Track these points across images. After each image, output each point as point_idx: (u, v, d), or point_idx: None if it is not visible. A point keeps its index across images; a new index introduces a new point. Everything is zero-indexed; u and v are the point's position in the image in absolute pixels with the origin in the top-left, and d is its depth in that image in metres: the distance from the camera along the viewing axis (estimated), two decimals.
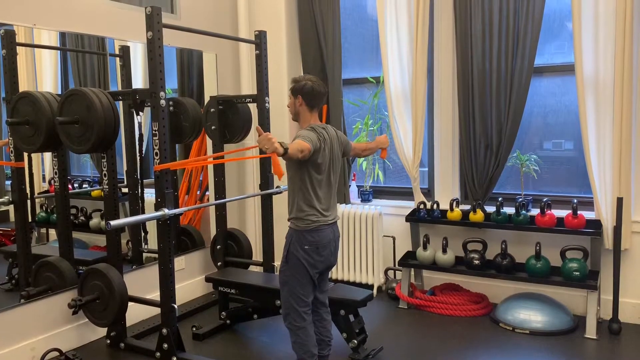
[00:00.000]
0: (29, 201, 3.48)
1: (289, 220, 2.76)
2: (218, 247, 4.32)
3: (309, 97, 2.72)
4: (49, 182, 3.76)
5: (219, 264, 4.32)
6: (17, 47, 3.30)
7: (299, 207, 2.70)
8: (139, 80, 4.14)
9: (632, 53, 3.46)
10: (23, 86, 3.37)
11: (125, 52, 3.99)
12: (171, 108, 4.05)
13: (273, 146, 2.33)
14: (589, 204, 3.80)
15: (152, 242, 4.02)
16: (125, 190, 4.07)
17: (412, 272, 4.23)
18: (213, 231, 4.44)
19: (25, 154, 3.43)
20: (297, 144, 2.50)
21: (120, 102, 3.89)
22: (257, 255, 4.69)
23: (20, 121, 3.20)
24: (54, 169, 3.57)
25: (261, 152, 2.52)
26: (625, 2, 3.41)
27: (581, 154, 3.78)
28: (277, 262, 3.75)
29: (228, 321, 3.77)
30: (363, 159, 4.65)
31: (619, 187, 3.58)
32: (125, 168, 4.09)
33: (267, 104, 4.00)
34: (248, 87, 4.71)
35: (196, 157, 4.55)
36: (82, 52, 3.87)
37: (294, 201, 2.73)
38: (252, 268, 4.35)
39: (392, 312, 4.04)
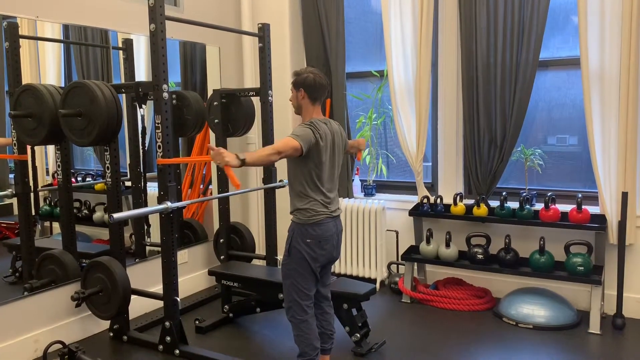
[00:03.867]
0: (32, 194, 3.48)
1: (291, 213, 2.76)
2: (221, 240, 4.32)
3: (311, 90, 2.71)
4: (52, 176, 3.76)
5: (221, 257, 4.32)
6: (20, 39, 3.30)
7: (301, 201, 2.69)
8: (142, 73, 4.13)
9: (638, 47, 3.43)
10: (26, 79, 3.37)
11: (128, 45, 3.99)
12: (174, 101, 4.04)
13: (224, 160, 2.46)
14: (593, 199, 3.78)
15: (155, 235, 4.02)
16: (128, 183, 4.07)
17: (415, 267, 4.23)
18: (216, 225, 4.45)
19: (29, 147, 3.43)
20: (277, 146, 2.56)
21: (123, 95, 3.89)
22: (260, 249, 4.68)
23: (23, 114, 3.20)
24: (57, 162, 3.57)
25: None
26: None
27: (586, 149, 3.76)
28: (280, 256, 3.75)
29: (231, 314, 3.78)
30: (366, 153, 4.63)
31: (624, 182, 3.56)
32: (128, 161, 4.09)
33: (270, 98, 3.98)
34: (251, 80, 4.69)
35: (197, 156, 4.57)
36: (85, 45, 3.86)
37: (295, 195, 2.72)
38: (255, 262, 4.36)
39: (395, 306, 4.03)
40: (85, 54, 3.89)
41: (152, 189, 3.69)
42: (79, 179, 4.08)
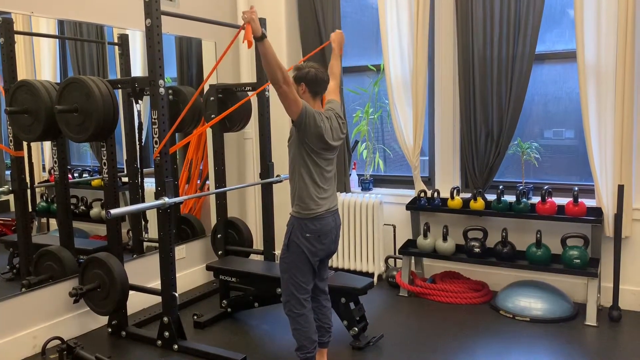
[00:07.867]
0: (29, 191, 3.48)
1: (291, 207, 2.76)
2: (219, 235, 4.32)
3: (313, 85, 2.71)
4: (49, 172, 3.75)
5: (219, 252, 4.33)
6: (15, 35, 3.28)
7: (300, 196, 2.69)
8: (138, 68, 4.12)
9: (634, 40, 3.43)
10: (22, 75, 3.36)
11: (124, 40, 3.97)
12: (170, 97, 4.03)
13: (251, 17, 2.43)
14: (589, 192, 3.79)
15: (153, 231, 4.02)
16: (125, 179, 4.07)
17: (413, 260, 4.24)
18: (213, 220, 4.45)
19: (25, 143, 3.42)
20: (288, 78, 2.48)
21: (120, 91, 3.88)
22: (258, 243, 4.69)
23: (19, 110, 3.20)
24: (53, 158, 3.56)
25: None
26: None
27: (582, 142, 3.77)
28: (278, 251, 3.76)
29: (229, 309, 3.79)
30: (363, 148, 4.63)
31: (620, 175, 3.57)
32: (125, 157, 4.08)
33: (267, 92, 3.98)
34: (247, 75, 4.69)
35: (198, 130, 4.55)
36: (81, 41, 3.85)
37: (295, 190, 2.72)
38: (253, 257, 4.37)
39: (392, 300, 4.05)
40: (80, 49, 3.87)
41: (149, 184, 3.68)
42: (76, 175, 4.07)
